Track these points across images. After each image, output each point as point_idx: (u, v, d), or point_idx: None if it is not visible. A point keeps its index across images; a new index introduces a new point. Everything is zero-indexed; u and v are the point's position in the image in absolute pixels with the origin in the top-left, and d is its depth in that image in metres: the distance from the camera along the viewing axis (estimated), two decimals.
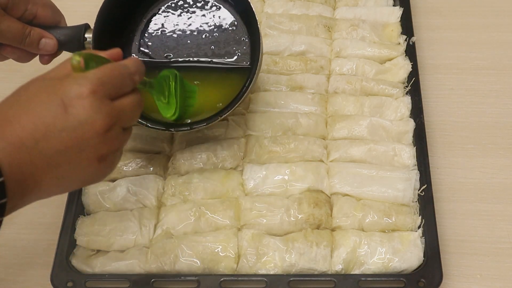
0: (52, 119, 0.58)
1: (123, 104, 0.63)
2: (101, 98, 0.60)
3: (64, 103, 0.58)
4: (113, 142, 0.62)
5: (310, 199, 0.80)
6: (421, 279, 0.74)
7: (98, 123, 0.59)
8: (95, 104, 0.59)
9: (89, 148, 0.60)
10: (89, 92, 0.59)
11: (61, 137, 0.58)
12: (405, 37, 0.98)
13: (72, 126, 0.58)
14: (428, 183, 0.81)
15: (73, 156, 0.59)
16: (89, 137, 0.59)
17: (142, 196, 0.83)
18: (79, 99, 0.58)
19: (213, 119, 0.80)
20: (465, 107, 0.96)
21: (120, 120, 0.62)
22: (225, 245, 0.77)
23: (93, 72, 0.61)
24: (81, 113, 0.58)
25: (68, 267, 0.77)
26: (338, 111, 0.91)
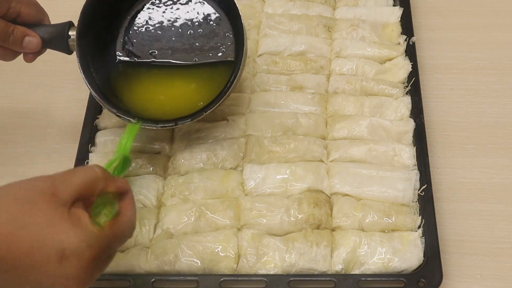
0: (44, 261, 0.55)
1: (111, 258, 0.62)
2: (97, 262, 0.58)
3: (63, 254, 0.55)
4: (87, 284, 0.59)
5: (310, 199, 0.80)
6: (421, 279, 0.74)
7: (82, 281, 0.57)
8: (90, 269, 0.57)
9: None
10: (92, 257, 0.57)
11: (41, 278, 0.55)
12: (405, 37, 0.98)
13: (58, 275, 0.55)
14: (428, 183, 0.81)
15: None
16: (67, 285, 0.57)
17: (142, 196, 0.83)
18: (78, 258, 0.56)
19: (198, 115, 0.80)
20: (465, 107, 0.96)
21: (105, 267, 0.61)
22: (225, 245, 0.77)
23: (106, 235, 0.58)
24: (73, 271, 0.56)
25: None
26: (338, 111, 0.91)
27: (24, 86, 1.02)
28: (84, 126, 0.90)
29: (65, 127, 0.96)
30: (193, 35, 0.86)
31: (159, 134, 0.89)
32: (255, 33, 1.01)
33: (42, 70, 1.03)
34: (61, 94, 1.00)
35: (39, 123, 0.97)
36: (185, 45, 0.86)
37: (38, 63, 1.03)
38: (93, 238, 0.57)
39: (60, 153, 0.93)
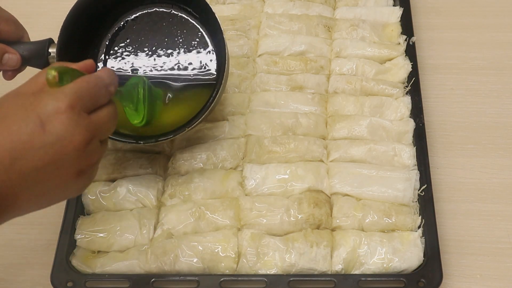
0: (29, 137, 0.57)
1: (100, 117, 0.62)
2: (78, 112, 0.59)
3: (41, 119, 0.57)
4: (92, 156, 0.61)
5: (310, 199, 0.80)
6: (421, 279, 0.74)
7: (76, 138, 0.58)
8: (73, 119, 0.58)
9: (68, 164, 0.59)
10: (66, 107, 0.58)
11: (39, 155, 0.57)
12: (405, 37, 0.98)
13: (50, 142, 0.57)
14: (428, 183, 0.81)
15: (51, 173, 0.58)
16: (67, 152, 0.58)
17: (142, 196, 0.83)
18: (56, 114, 0.57)
19: (181, 130, 0.79)
20: (465, 107, 0.96)
21: (98, 133, 0.61)
22: (225, 245, 0.77)
23: (69, 87, 0.59)
24: (59, 129, 0.57)
25: (68, 267, 0.77)
26: (338, 111, 0.91)
27: None
28: None
29: None
30: (174, 53, 0.85)
31: None
32: (255, 33, 1.01)
33: None
34: None
35: None
36: (166, 64, 0.85)
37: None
38: (58, 93, 0.59)
39: None
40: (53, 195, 0.61)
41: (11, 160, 0.56)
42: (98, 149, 0.62)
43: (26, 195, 0.58)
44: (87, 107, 0.60)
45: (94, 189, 0.83)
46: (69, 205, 0.82)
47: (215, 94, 0.79)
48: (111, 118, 0.64)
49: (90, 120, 0.60)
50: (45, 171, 0.58)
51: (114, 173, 0.85)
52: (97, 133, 0.61)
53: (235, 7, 1.04)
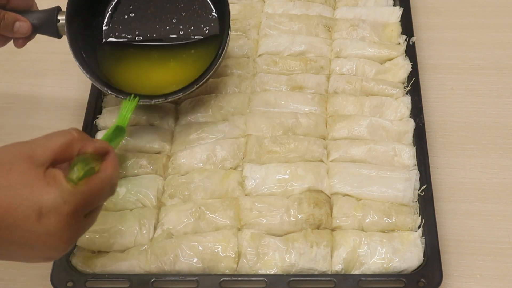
0: (23, 220, 0.57)
1: (92, 216, 0.63)
2: (76, 218, 0.60)
3: (41, 212, 0.57)
4: (66, 245, 0.61)
5: (310, 199, 0.80)
6: (421, 279, 0.74)
7: (65, 237, 0.59)
8: (69, 223, 0.59)
9: (44, 250, 0.60)
10: (69, 213, 0.58)
11: (23, 236, 0.58)
12: (405, 37, 0.98)
13: (38, 232, 0.58)
14: (428, 183, 0.81)
15: (25, 250, 0.59)
16: (49, 245, 0.59)
17: (142, 196, 0.83)
18: (56, 215, 0.58)
19: (189, 88, 0.82)
20: (465, 107, 0.96)
21: (87, 226, 0.63)
22: (225, 245, 0.77)
23: (81, 191, 0.59)
24: (52, 227, 0.58)
25: (68, 267, 0.77)
26: (338, 111, 0.91)
27: (24, 87, 1.02)
28: (84, 126, 0.91)
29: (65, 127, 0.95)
30: (177, 18, 0.88)
31: (159, 134, 0.89)
32: (255, 33, 1.01)
33: (41, 71, 1.03)
34: (61, 94, 1.00)
35: (39, 123, 0.97)
36: (169, 26, 0.88)
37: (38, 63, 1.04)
38: (68, 194, 0.58)
39: None
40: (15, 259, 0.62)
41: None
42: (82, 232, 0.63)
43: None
44: (88, 209, 0.62)
45: None
46: None
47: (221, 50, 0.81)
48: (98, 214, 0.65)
49: (84, 222, 0.62)
50: (20, 247, 0.59)
51: None
52: (83, 231, 0.63)
53: (235, 7, 1.04)
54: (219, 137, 0.88)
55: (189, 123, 0.90)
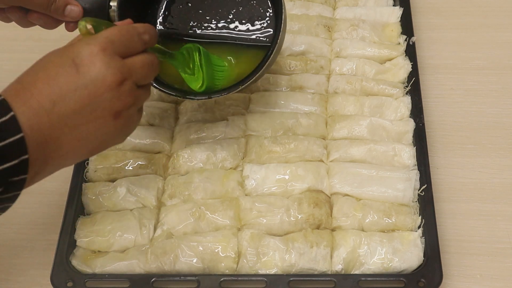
0: (65, 80, 0.60)
1: (134, 61, 0.65)
2: (110, 54, 0.62)
3: (75, 63, 0.60)
4: (126, 98, 0.63)
5: (310, 199, 0.80)
6: (421, 279, 0.74)
7: (108, 78, 0.61)
8: (105, 60, 0.61)
9: (103, 105, 0.61)
10: (99, 50, 0.61)
11: (76, 96, 0.60)
12: (405, 37, 0.98)
13: (84, 83, 0.60)
14: (428, 183, 0.81)
15: (89, 115, 0.61)
16: (101, 93, 0.61)
17: (142, 196, 0.83)
18: (89, 57, 0.60)
19: (234, 88, 0.79)
20: (465, 107, 0.96)
21: (132, 76, 0.64)
22: (225, 245, 0.77)
23: (101, 33, 0.63)
24: (92, 70, 0.60)
25: (68, 267, 0.77)
26: (338, 111, 0.91)
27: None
28: None
29: None
30: (233, 13, 0.86)
31: (159, 134, 0.89)
32: None
33: None
34: None
35: None
36: (225, 19, 0.86)
37: None
38: (91, 39, 0.62)
39: None
40: (94, 139, 0.63)
41: (51, 103, 0.59)
42: (134, 92, 0.64)
43: (68, 139, 0.60)
44: (120, 51, 0.63)
45: (94, 189, 0.83)
46: (69, 205, 0.82)
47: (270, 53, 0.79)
48: (147, 64, 0.66)
49: (123, 63, 0.63)
50: (83, 113, 0.60)
51: (114, 173, 0.85)
52: (130, 75, 0.64)
53: None
54: (219, 137, 0.88)
55: (189, 123, 0.90)
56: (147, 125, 0.91)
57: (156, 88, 0.80)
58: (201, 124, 0.90)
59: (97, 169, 0.85)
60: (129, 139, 0.88)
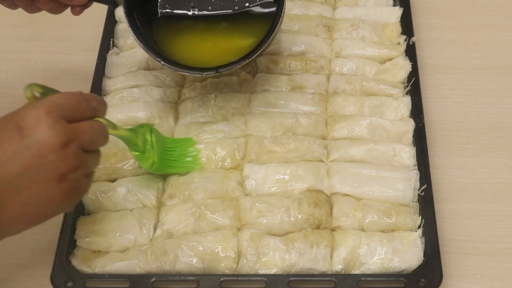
0: (8, 143, 0.58)
1: (81, 125, 0.63)
2: (55, 117, 0.60)
3: (19, 126, 0.59)
4: (71, 160, 0.61)
5: (310, 199, 0.80)
6: (421, 279, 0.74)
7: (52, 140, 0.59)
8: (49, 122, 0.59)
9: (47, 167, 0.59)
10: (44, 112, 0.59)
11: (19, 159, 0.58)
12: (405, 37, 0.98)
13: (28, 145, 0.58)
14: (428, 183, 0.81)
15: (32, 178, 0.59)
16: (45, 154, 0.59)
17: (142, 196, 0.83)
18: (33, 119, 0.59)
19: (241, 61, 0.80)
20: (465, 107, 0.96)
21: (78, 139, 0.62)
22: (225, 245, 0.77)
23: (49, 97, 0.62)
24: (36, 132, 0.59)
25: (68, 267, 0.77)
26: (338, 111, 0.91)
27: (23, 87, 1.02)
28: None
29: None
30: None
31: None
32: None
33: (44, 70, 1.03)
34: None
35: None
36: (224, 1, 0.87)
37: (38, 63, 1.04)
38: (37, 102, 0.61)
39: None
40: (38, 204, 0.61)
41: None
42: (80, 155, 0.62)
43: (11, 204, 0.59)
44: (67, 115, 0.62)
45: (94, 189, 0.83)
46: None
47: (275, 24, 0.79)
48: (94, 129, 0.65)
49: (68, 126, 0.61)
50: (27, 176, 0.59)
51: (114, 173, 0.85)
52: (76, 138, 0.62)
53: None
54: (219, 137, 0.88)
55: (189, 123, 0.90)
56: None
57: (163, 64, 0.81)
58: (201, 124, 0.90)
59: (97, 169, 0.85)
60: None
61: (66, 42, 1.07)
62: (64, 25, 1.07)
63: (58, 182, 0.61)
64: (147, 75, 0.96)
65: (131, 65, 0.97)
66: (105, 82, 0.96)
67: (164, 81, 0.96)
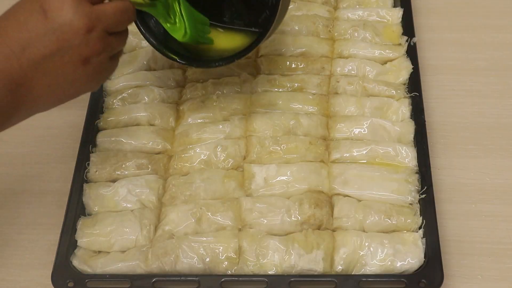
0: (34, 25, 0.60)
1: (105, 8, 0.64)
2: (79, 0, 0.61)
3: (43, 8, 0.60)
4: (95, 44, 0.63)
5: (311, 199, 0.80)
6: (422, 279, 0.74)
7: (76, 23, 0.61)
8: (72, 5, 0.61)
9: (71, 50, 0.61)
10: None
11: (44, 42, 0.60)
12: (406, 38, 0.98)
13: (52, 28, 0.60)
14: (429, 184, 0.81)
15: (58, 61, 0.61)
16: (69, 38, 0.61)
17: (143, 197, 0.83)
18: (57, 2, 0.60)
19: (241, 54, 0.81)
20: (466, 108, 0.96)
21: (101, 23, 0.63)
22: (226, 245, 0.77)
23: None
24: (59, 15, 0.60)
25: (69, 267, 0.77)
26: (339, 111, 0.91)
27: None
28: (85, 127, 0.90)
29: (66, 127, 0.96)
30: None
31: (159, 134, 0.89)
32: None
33: None
34: None
35: (40, 124, 0.96)
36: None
37: None
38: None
39: (60, 153, 0.93)
40: (64, 85, 0.63)
41: (21, 48, 0.59)
42: (104, 39, 0.64)
43: (39, 85, 0.61)
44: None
45: (95, 190, 0.83)
46: (70, 206, 0.82)
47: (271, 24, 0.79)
48: (119, 11, 0.65)
49: (92, 8, 0.62)
50: (52, 59, 0.61)
51: (115, 174, 0.85)
52: (100, 22, 0.63)
53: None
54: (220, 138, 0.88)
55: (190, 124, 0.90)
56: (148, 125, 0.91)
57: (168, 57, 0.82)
58: (202, 124, 0.90)
59: (98, 170, 0.85)
60: (130, 141, 0.88)
61: None
62: None
63: (83, 65, 0.62)
64: (148, 76, 0.96)
65: (132, 66, 0.97)
66: (106, 83, 0.96)
67: (165, 81, 0.96)
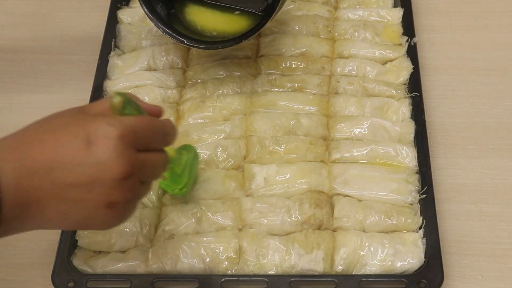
0: (73, 152, 0.56)
1: (147, 158, 0.60)
2: (126, 144, 0.57)
3: (89, 139, 0.56)
4: (126, 192, 0.59)
5: (311, 199, 0.80)
6: (422, 280, 0.74)
7: (116, 168, 0.57)
8: (119, 148, 0.57)
9: (101, 190, 0.57)
10: (117, 135, 0.57)
11: (76, 172, 0.56)
12: (407, 38, 0.98)
13: (90, 163, 0.56)
14: (429, 184, 0.81)
15: (83, 195, 0.57)
16: (103, 178, 0.57)
17: None
18: (104, 138, 0.56)
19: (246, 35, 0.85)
20: (466, 108, 0.96)
21: (140, 172, 0.59)
22: (226, 245, 0.77)
23: (128, 118, 0.59)
24: (102, 153, 0.56)
25: (69, 267, 0.77)
26: (339, 111, 0.91)
27: (24, 88, 1.02)
28: None
29: None
30: None
31: None
32: None
33: (42, 72, 1.03)
34: (62, 95, 1.00)
35: None
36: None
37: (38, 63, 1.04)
38: (114, 120, 0.58)
39: None
40: (79, 219, 0.59)
41: (49, 169, 0.56)
42: (136, 188, 0.60)
43: (53, 210, 0.57)
44: (138, 144, 0.59)
45: None
46: None
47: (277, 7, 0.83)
48: (159, 163, 0.63)
49: (136, 156, 0.59)
50: (77, 191, 0.57)
51: None
52: (139, 171, 0.59)
53: None
54: (220, 138, 0.88)
55: (190, 123, 0.90)
56: None
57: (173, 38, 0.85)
58: (202, 124, 0.90)
59: None
60: None
61: (66, 42, 1.07)
62: (65, 25, 1.08)
63: (106, 207, 0.58)
64: (149, 76, 0.96)
65: (132, 66, 0.97)
66: (107, 83, 0.95)
67: (165, 81, 0.96)
